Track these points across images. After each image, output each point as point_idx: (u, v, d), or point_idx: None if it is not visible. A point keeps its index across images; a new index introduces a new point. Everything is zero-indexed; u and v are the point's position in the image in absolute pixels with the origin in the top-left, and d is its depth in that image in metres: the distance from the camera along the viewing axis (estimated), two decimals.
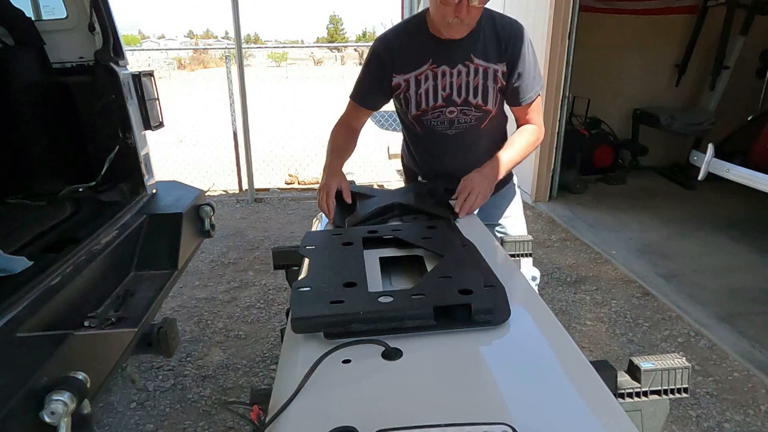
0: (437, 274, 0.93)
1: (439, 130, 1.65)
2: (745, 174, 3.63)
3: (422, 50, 1.55)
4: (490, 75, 1.55)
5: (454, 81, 1.55)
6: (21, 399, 1.02)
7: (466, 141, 1.67)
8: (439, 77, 1.56)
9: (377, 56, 1.61)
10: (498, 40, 1.52)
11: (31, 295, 1.39)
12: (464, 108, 1.60)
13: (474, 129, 1.65)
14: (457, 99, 1.58)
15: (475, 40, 1.51)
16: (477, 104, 1.59)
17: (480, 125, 1.64)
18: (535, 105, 1.63)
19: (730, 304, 2.93)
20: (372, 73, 1.66)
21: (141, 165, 2.29)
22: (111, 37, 2.18)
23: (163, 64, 22.09)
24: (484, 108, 1.60)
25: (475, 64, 1.53)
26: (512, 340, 0.82)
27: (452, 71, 1.55)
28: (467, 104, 1.59)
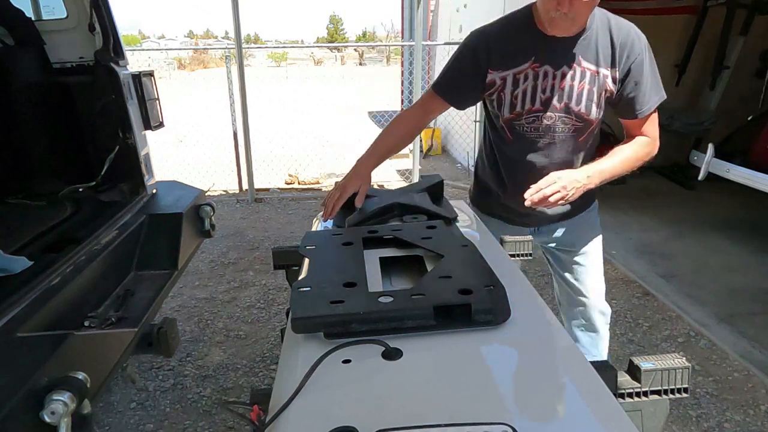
0: (437, 274, 0.93)
1: (531, 139, 1.49)
2: (745, 174, 3.63)
3: (525, 46, 1.41)
4: (599, 81, 1.40)
5: (557, 84, 1.40)
6: (21, 399, 1.02)
7: (559, 154, 1.51)
8: (540, 78, 1.41)
9: (472, 50, 1.47)
10: (612, 45, 1.38)
11: (31, 295, 1.39)
12: (564, 116, 1.44)
13: (570, 141, 1.49)
14: (558, 104, 1.43)
15: (586, 42, 1.37)
16: (579, 112, 1.43)
17: (578, 138, 1.48)
18: (650, 117, 1.46)
19: (730, 304, 2.93)
20: (464, 68, 1.50)
21: (141, 165, 2.29)
22: (111, 37, 2.18)
23: (163, 64, 22.09)
24: (586, 118, 1.44)
25: (582, 68, 1.39)
26: (512, 340, 0.82)
27: (556, 73, 1.40)
28: (568, 111, 1.44)
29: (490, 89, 1.47)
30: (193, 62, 29.42)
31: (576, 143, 1.50)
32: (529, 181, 1.45)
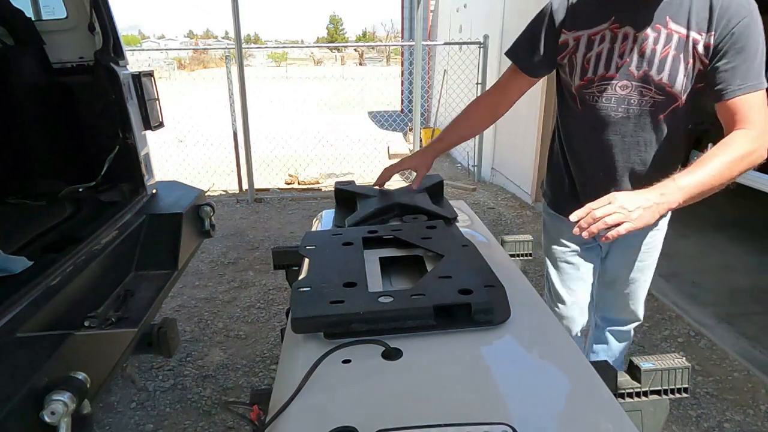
0: (437, 274, 0.93)
1: (602, 112, 1.30)
2: (745, 174, 3.62)
3: (606, 3, 1.24)
4: (688, 46, 1.17)
5: (637, 48, 1.21)
6: (21, 399, 1.02)
7: (634, 132, 1.30)
8: (619, 40, 1.23)
9: (550, 8, 1.33)
10: (710, 8, 1.15)
11: (31, 295, 1.39)
12: (642, 85, 1.24)
13: (647, 118, 1.27)
14: (636, 71, 1.23)
15: (677, 0, 1.18)
16: (660, 82, 1.22)
17: (657, 114, 1.26)
18: (751, 101, 1.14)
19: (730, 304, 2.93)
20: (537, 28, 1.36)
21: (141, 165, 2.29)
22: (111, 37, 2.18)
23: (163, 64, 22.10)
24: (669, 90, 1.22)
25: (669, 30, 1.18)
26: (512, 340, 0.82)
27: (637, 35, 1.20)
28: (647, 80, 1.23)
29: (562, 52, 1.32)
30: (193, 62, 29.43)
31: (655, 121, 1.27)
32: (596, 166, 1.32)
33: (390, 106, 10.93)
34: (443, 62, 7.59)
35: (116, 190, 2.25)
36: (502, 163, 5.71)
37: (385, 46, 36.37)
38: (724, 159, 1.12)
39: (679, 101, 1.24)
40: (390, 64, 31.28)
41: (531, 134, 4.65)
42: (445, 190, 1.54)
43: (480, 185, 5.77)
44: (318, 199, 5.32)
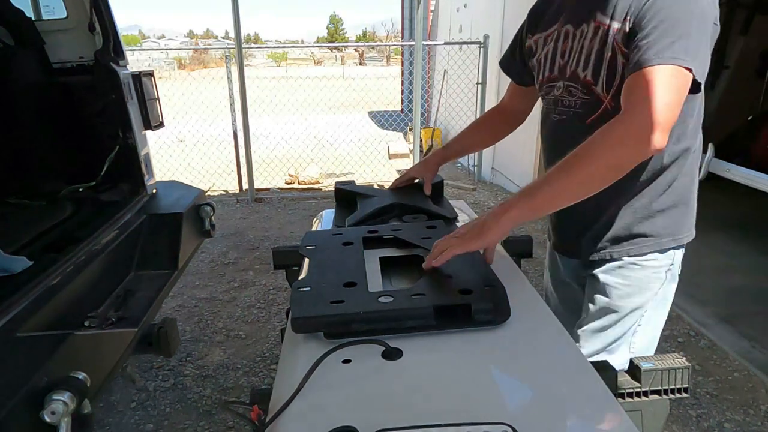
0: (437, 273, 0.93)
1: (548, 115, 1.24)
2: (745, 174, 3.63)
3: (559, 4, 1.20)
4: (608, 37, 1.03)
5: (574, 45, 1.13)
6: (21, 399, 1.03)
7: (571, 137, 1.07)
8: (561, 40, 1.16)
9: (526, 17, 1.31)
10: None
11: (31, 295, 1.39)
12: (571, 85, 1.14)
13: (577, 121, 1.13)
14: (567, 70, 1.14)
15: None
16: (584, 80, 1.10)
17: (584, 118, 1.11)
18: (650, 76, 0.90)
19: (730, 304, 2.93)
20: (516, 37, 1.33)
21: (141, 165, 2.29)
22: (111, 37, 2.18)
23: (163, 64, 22.11)
24: (592, 88, 1.08)
25: (596, 22, 1.06)
26: (512, 340, 0.82)
27: (575, 32, 1.12)
28: (574, 79, 1.13)
29: (530, 57, 1.28)
30: (193, 62, 29.43)
31: (584, 126, 1.09)
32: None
33: (390, 106, 10.93)
34: (443, 62, 7.59)
35: (116, 190, 2.26)
36: (503, 163, 5.71)
37: (385, 46, 36.38)
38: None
39: (605, 103, 1.07)
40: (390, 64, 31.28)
41: (531, 134, 4.65)
42: (445, 190, 1.54)
43: (480, 185, 5.77)
44: (318, 199, 5.32)
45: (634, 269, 1.17)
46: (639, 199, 1.13)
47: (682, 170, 1.12)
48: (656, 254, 1.16)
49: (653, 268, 1.17)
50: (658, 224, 1.14)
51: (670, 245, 1.15)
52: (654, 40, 0.92)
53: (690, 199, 1.16)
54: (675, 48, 0.90)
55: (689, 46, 0.91)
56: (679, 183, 1.12)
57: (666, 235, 1.15)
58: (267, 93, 6.32)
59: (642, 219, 1.14)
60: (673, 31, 0.91)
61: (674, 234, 1.15)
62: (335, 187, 1.50)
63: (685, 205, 1.16)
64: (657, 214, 1.13)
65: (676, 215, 1.15)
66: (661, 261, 1.16)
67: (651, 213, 1.13)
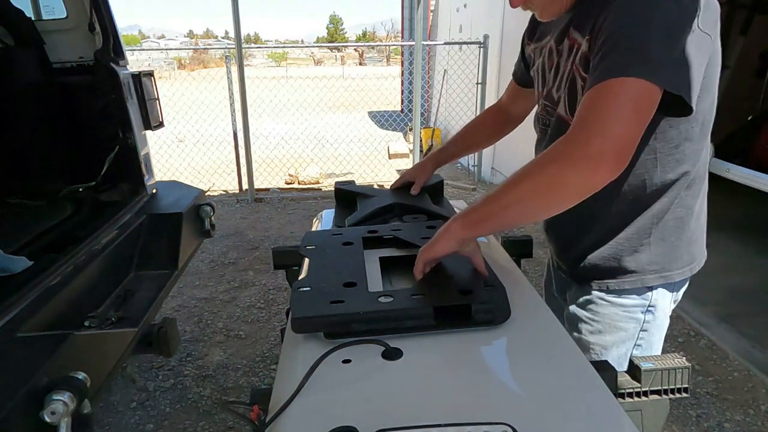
0: (437, 274, 0.93)
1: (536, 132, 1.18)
2: (745, 174, 3.63)
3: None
4: (576, 57, 0.95)
5: (555, 63, 1.05)
6: (21, 399, 1.03)
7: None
8: (548, 55, 1.08)
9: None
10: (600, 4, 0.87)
11: (31, 295, 1.39)
12: (546, 103, 1.10)
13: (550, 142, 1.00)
14: (546, 89, 1.09)
15: (586, 5, 0.95)
16: (557, 101, 1.04)
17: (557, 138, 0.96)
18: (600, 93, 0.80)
19: (730, 304, 2.93)
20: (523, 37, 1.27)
21: (141, 165, 2.29)
22: (111, 37, 2.18)
23: (163, 64, 22.11)
24: (559, 110, 1.03)
25: (571, 40, 0.98)
26: (512, 339, 0.82)
27: (559, 48, 1.03)
28: (550, 98, 1.07)
29: (530, 66, 1.21)
30: (193, 62, 29.43)
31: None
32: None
33: (390, 106, 10.93)
34: (443, 62, 7.59)
35: (116, 190, 2.26)
36: (503, 163, 5.71)
37: (385, 46, 36.39)
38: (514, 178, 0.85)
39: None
40: (390, 63, 31.28)
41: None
42: (445, 190, 1.54)
43: (480, 185, 5.77)
44: (318, 199, 5.32)
45: (603, 305, 1.08)
46: (626, 230, 1.03)
47: (676, 201, 1.00)
48: (630, 293, 1.05)
49: (623, 307, 1.06)
50: (642, 259, 1.03)
51: (655, 283, 1.04)
52: (603, 55, 0.82)
53: (684, 232, 1.04)
54: (625, 60, 0.79)
55: (647, 57, 0.78)
56: (672, 215, 1.01)
57: (650, 272, 1.04)
58: (267, 93, 6.32)
59: (627, 251, 1.03)
60: (626, 43, 0.80)
61: (661, 271, 1.04)
62: (335, 187, 1.50)
63: (678, 239, 1.03)
64: (642, 248, 1.03)
65: (665, 250, 1.03)
66: (635, 300, 1.05)
67: (636, 246, 1.03)
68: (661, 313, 1.08)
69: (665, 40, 0.79)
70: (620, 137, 0.78)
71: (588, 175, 0.79)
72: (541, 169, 0.83)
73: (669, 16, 0.80)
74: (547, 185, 0.82)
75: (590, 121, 0.79)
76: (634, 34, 0.80)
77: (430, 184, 1.51)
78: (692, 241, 1.07)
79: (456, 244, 0.89)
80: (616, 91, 0.78)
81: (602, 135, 0.77)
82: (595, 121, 0.79)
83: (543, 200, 0.85)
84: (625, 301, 1.06)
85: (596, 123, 0.78)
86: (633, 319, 1.07)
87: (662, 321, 1.10)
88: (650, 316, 1.07)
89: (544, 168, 0.83)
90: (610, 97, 0.79)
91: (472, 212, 0.89)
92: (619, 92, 0.78)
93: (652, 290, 1.05)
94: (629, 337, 1.08)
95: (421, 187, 1.43)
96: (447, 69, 6.87)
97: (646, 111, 0.80)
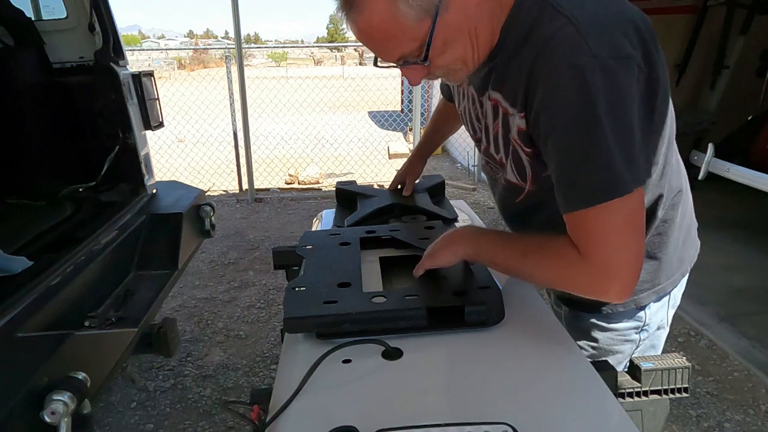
0: (433, 274, 0.93)
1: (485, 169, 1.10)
2: (745, 174, 3.63)
3: None
4: (511, 126, 0.86)
5: (482, 116, 0.96)
6: (21, 399, 1.02)
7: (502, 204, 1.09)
8: (471, 101, 0.99)
9: None
10: (517, 70, 0.79)
11: (31, 295, 1.39)
12: (488, 160, 1.01)
13: (506, 197, 1.03)
14: (482, 144, 1.00)
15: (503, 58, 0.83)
16: (500, 162, 0.95)
17: (513, 198, 0.98)
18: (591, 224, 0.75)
19: (730, 304, 2.93)
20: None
21: (141, 165, 2.29)
22: (111, 37, 2.18)
23: (163, 64, 22.11)
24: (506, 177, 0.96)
25: (493, 101, 0.88)
26: (513, 340, 0.82)
27: (480, 99, 0.94)
28: (491, 157, 0.98)
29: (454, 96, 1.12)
30: (193, 62, 29.42)
31: (513, 204, 1.00)
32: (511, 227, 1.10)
33: (390, 106, 10.92)
34: None
35: (116, 190, 2.26)
36: None
37: None
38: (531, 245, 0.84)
39: (526, 188, 0.92)
40: None
41: None
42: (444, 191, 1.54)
43: (480, 185, 5.77)
44: (318, 199, 5.32)
45: (596, 331, 1.06)
46: None
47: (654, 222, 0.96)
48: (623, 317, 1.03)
49: (617, 332, 1.05)
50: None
51: (648, 300, 1.02)
52: (567, 179, 0.76)
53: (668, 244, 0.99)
54: (599, 185, 0.72)
55: (617, 174, 0.71)
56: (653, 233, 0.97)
57: (641, 291, 1.00)
58: (267, 93, 6.32)
59: None
60: (587, 164, 0.72)
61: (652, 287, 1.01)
62: (336, 187, 1.50)
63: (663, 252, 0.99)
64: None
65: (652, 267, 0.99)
66: (627, 324, 1.04)
67: None
68: (654, 329, 1.07)
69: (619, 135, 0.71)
70: (628, 264, 0.76)
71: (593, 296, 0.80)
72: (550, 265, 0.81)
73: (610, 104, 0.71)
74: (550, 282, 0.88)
75: (594, 256, 0.75)
76: (589, 145, 0.72)
77: (431, 185, 1.51)
78: (678, 247, 1.03)
79: (457, 259, 0.91)
80: (603, 219, 0.74)
81: (611, 271, 0.75)
82: (599, 256, 0.75)
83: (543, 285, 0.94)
84: (618, 325, 1.04)
85: (601, 257, 0.75)
86: (628, 341, 1.06)
87: (658, 335, 1.09)
88: (644, 334, 1.06)
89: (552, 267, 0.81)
90: (603, 228, 0.74)
91: (482, 242, 0.88)
92: (608, 220, 0.74)
93: (642, 310, 1.03)
94: (625, 357, 1.07)
95: (412, 187, 1.43)
96: None
97: (641, 217, 0.77)
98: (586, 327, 1.07)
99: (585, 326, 1.07)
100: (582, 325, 1.07)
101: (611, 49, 0.71)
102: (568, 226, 0.78)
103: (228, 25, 7.93)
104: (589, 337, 1.07)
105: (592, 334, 1.06)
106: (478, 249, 0.88)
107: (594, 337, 1.06)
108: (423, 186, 1.49)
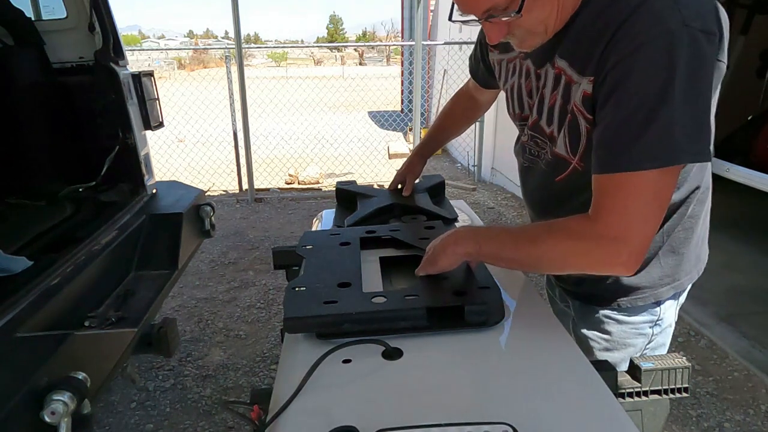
0: (433, 274, 0.93)
1: (519, 155, 1.08)
2: (745, 173, 3.63)
3: None
4: (575, 95, 0.84)
5: (537, 89, 0.94)
6: (21, 399, 1.03)
7: (536, 190, 1.06)
8: (524, 75, 0.97)
9: None
10: (596, 35, 0.77)
11: (31, 295, 1.39)
12: (537, 136, 0.98)
13: (544, 178, 0.99)
14: (533, 117, 0.97)
15: (576, 29, 0.82)
16: (550, 135, 0.93)
17: (554, 176, 0.96)
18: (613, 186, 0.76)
19: (730, 304, 2.93)
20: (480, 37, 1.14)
21: (141, 165, 2.29)
22: (111, 37, 2.18)
23: (163, 64, 22.11)
24: (555, 150, 0.93)
25: (556, 68, 0.87)
26: (513, 340, 0.82)
27: (538, 72, 0.93)
28: (539, 131, 0.96)
29: (495, 75, 1.12)
30: (193, 62, 29.43)
31: (552, 183, 0.97)
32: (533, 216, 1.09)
33: (390, 106, 10.93)
34: (443, 62, 7.58)
35: (116, 190, 2.26)
36: (503, 162, 5.71)
37: (385, 46, 36.39)
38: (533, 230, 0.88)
39: (573, 164, 0.90)
40: (390, 63, 31.27)
41: None
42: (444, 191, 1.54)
43: (480, 185, 5.77)
44: (318, 199, 5.32)
45: (612, 324, 1.05)
46: None
47: (686, 215, 0.98)
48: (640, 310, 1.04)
49: (632, 325, 1.05)
50: (654, 274, 1.00)
51: (667, 295, 1.03)
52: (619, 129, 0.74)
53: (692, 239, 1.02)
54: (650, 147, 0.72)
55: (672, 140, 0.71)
56: (682, 227, 0.99)
57: (662, 285, 1.01)
58: (267, 93, 6.32)
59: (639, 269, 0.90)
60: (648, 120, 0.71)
61: (672, 282, 1.02)
62: (336, 187, 1.50)
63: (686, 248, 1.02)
64: (653, 263, 0.99)
65: (675, 261, 1.01)
66: (644, 317, 1.04)
67: (646, 263, 0.98)
68: (666, 325, 1.09)
69: (688, 107, 0.71)
70: (643, 237, 0.77)
71: (602, 269, 0.82)
72: (559, 243, 0.81)
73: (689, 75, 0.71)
74: (560, 261, 0.84)
75: (612, 223, 0.76)
76: (658, 107, 0.71)
77: (431, 185, 1.51)
78: (698, 245, 1.05)
79: (459, 261, 0.91)
80: (637, 186, 0.74)
81: (625, 241, 0.76)
82: (617, 223, 0.76)
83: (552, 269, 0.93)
84: (634, 318, 1.05)
85: (619, 225, 0.76)
86: (642, 335, 1.07)
87: (667, 331, 1.11)
88: (657, 329, 1.07)
89: (562, 244, 0.81)
90: (634, 195, 0.75)
91: (482, 238, 0.88)
92: (643, 189, 0.74)
93: (660, 304, 1.04)
94: (636, 351, 1.08)
95: (412, 187, 1.43)
96: (447, 69, 6.86)
97: (669, 194, 0.78)
98: (599, 320, 1.06)
99: (598, 319, 1.06)
100: (595, 318, 1.07)
101: (702, 23, 0.72)
102: (597, 187, 0.78)
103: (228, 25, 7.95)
104: (602, 329, 1.07)
105: (606, 327, 1.06)
106: (479, 246, 0.87)
107: (607, 329, 1.06)
108: (423, 186, 1.49)
